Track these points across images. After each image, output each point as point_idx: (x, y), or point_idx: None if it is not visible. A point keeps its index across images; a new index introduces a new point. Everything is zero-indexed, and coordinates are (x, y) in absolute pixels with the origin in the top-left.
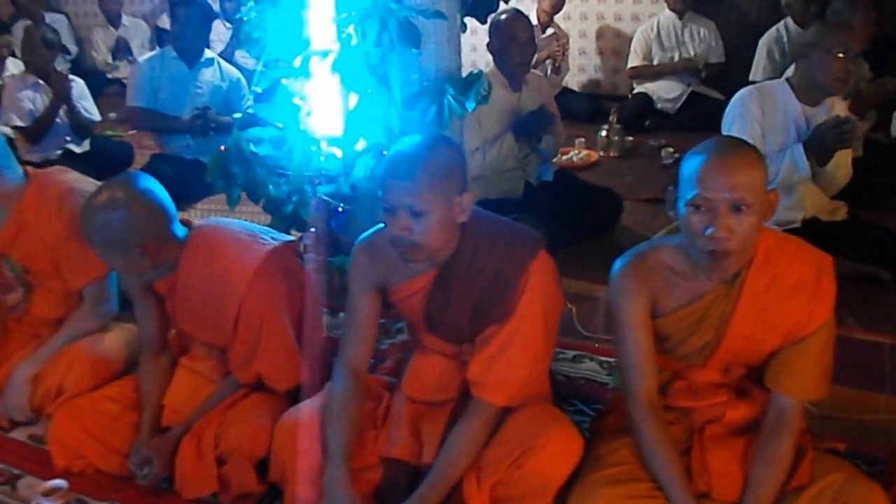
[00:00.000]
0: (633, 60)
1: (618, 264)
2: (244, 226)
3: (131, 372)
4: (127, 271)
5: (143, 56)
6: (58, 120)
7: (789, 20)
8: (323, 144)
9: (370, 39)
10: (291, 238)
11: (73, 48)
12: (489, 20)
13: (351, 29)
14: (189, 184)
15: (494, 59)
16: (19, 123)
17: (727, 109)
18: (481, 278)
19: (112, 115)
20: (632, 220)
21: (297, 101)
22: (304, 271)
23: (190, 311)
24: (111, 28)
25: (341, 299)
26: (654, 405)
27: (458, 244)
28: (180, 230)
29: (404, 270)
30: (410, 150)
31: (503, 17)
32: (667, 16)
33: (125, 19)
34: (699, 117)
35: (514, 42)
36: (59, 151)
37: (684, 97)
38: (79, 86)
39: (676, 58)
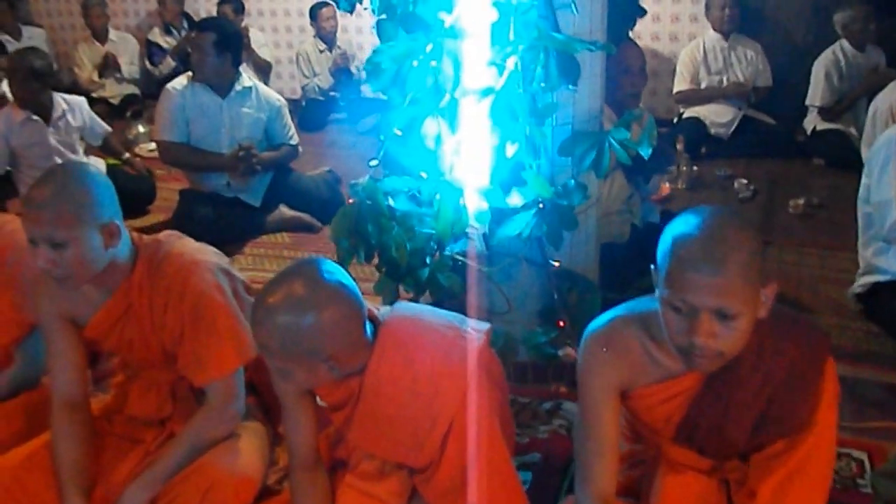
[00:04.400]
0: (680, 84)
1: None
2: (437, 314)
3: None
4: (307, 384)
5: (172, 84)
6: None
7: (844, 42)
8: (471, 197)
9: (535, 76)
10: (486, 325)
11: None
12: None
13: (511, 64)
14: (231, 225)
15: None
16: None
17: (873, 150)
18: (771, 384)
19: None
20: None
21: (445, 147)
22: (500, 366)
23: (377, 425)
24: (97, 43)
25: None
26: None
27: None
28: (368, 327)
29: (657, 370)
30: (710, 236)
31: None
32: (712, 37)
33: (112, 34)
34: (754, 143)
35: (626, 72)
36: None
37: (736, 122)
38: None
39: (724, 81)
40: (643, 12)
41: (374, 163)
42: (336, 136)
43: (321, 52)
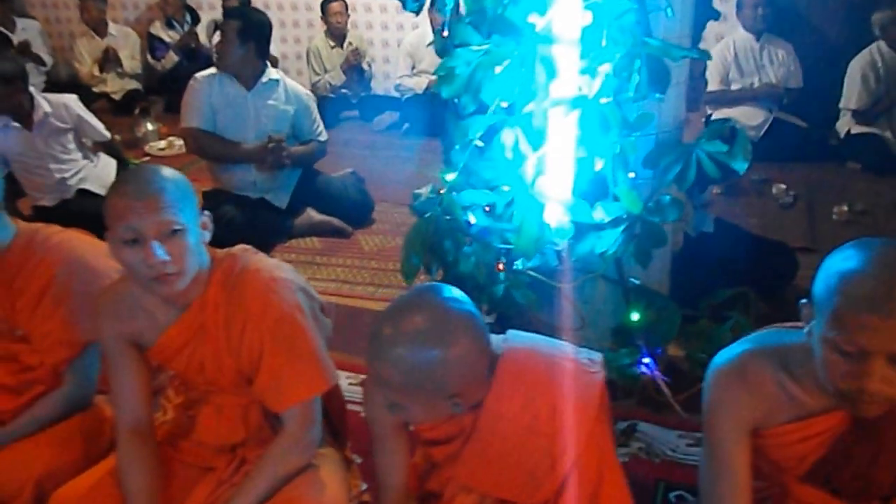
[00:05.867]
0: (710, 84)
1: None
2: (552, 345)
3: None
4: (422, 419)
5: (199, 74)
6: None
7: (882, 44)
8: (552, 212)
9: (629, 84)
10: (599, 355)
11: (48, 58)
12: None
13: (602, 71)
14: (259, 229)
15: None
16: None
17: None
18: None
19: (118, 137)
20: (803, 278)
21: (529, 159)
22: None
23: (489, 463)
24: (96, 37)
25: None
26: None
27: None
28: None
29: (793, 408)
30: (889, 273)
31: None
32: (742, 37)
33: (112, 27)
34: (786, 146)
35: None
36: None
37: (767, 124)
38: (66, 107)
39: (756, 82)
40: (717, 15)
41: (450, 176)
42: (350, 134)
43: (332, 48)
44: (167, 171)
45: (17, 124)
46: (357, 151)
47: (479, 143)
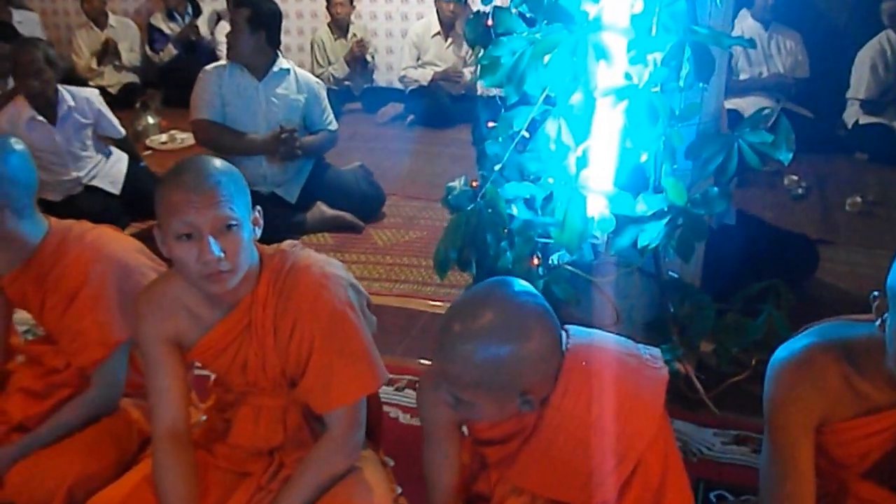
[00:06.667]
0: None
1: None
2: (614, 340)
3: None
4: (489, 417)
5: (209, 65)
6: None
7: (891, 32)
8: (594, 204)
9: (678, 73)
10: (657, 350)
11: None
12: None
13: (651, 60)
14: (270, 225)
15: None
16: None
17: None
18: None
19: None
20: (822, 270)
21: (574, 150)
22: None
23: (549, 463)
24: (96, 29)
25: None
26: None
27: None
28: None
29: (858, 403)
30: None
31: None
32: (751, 26)
33: (112, 19)
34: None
35: None
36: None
37: (775, 115)
38: (89, 102)
39: (764, 72)
40: (752, 2)
41: (497, 167)
42: (354, 127)
43: (336, 39)
44: (220, 164)
45: (41, 118)
46: (362, 144)
47: (526, 134)
